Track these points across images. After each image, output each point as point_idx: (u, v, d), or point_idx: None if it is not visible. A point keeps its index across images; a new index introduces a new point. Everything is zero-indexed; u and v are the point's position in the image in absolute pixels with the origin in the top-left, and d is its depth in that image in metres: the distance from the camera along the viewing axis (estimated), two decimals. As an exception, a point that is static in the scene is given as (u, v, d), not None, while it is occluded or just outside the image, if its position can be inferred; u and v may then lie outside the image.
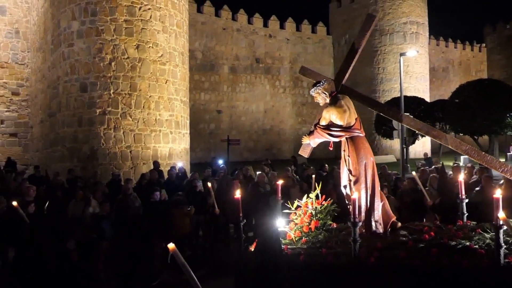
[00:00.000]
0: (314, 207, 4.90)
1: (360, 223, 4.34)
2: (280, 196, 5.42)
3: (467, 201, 5.16)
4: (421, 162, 14.52)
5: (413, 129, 5.28)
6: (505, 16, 62.88)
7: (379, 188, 4.81)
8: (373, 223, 4.67)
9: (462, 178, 5.43)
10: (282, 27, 35.93)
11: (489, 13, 78.75)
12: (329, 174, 10.31)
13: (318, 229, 4.76)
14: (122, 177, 12.11)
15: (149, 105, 14.93)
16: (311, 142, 4.95)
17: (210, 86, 32.18)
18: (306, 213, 4.86)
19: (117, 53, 14.57)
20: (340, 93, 4.90)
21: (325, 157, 15.12)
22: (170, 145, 15.55)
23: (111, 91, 14.48)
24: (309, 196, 5.06)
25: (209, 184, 7.87)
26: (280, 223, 4.85)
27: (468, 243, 4.10)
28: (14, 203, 6.29)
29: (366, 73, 34.33)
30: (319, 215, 4.84)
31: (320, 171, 11.45)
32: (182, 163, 15.17)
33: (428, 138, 21.39)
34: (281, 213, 5.19)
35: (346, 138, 4.76)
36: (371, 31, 5.19)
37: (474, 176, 8.69)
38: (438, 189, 7.33)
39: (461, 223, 4.94)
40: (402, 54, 19.10)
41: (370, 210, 4.66)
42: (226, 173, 11.64)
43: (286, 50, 35.84)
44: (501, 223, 3.59)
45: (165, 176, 11.91)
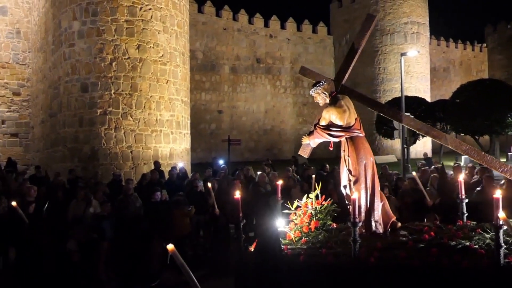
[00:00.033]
0: (314, 207, 4.90)
1: (360, 223, 4.35)
2: (280, 196, 5.42)
3: (467, 201, 5.17)
4: (421, 162, 14.49)
5: (412, 129, 5.29)
6: (506, 16, 62.95)
7: (379, 188, 4.81)
8: (373, 223, 4.67)
9: (462, 178, 5.43)
10: (283, 27, 35.92)
11: (490, 13, 78.78)
12: (330, 174, 10.31)
13: (318, 229, 4.76)
14: (123, 177, 12.10)
15: (150, 105, 14.94)
16: (311, 142, 4.96)
17: (211, 86, 32.19)
18: (306, 213, 4.87)
19: (118, 53, 14.59)
20: (340, 93, 4.91)
21: (327, 157, 15.10)
22: (171, 145, 15.56)
23: (112, 91, 14.49)
24: (309, 196, 5.06)
25: (209, 185, 7.87)
26: (280, 223, 4.86)
27: (468, 243, 4.10)
28: (14, 203, 6.32)
29: (367, 73, 34.34)
30: (319, 215, 4.85)
31: (321, 171, 11.44)
32: (183, 163, 15.18)
33: (429, 138, 21.35)
34: (281, 213, 5.19)
35: (346, 138, 4.76)
36: (371, 31, 5.20)
37: (475, 176, 8.66)
38: (438, 189, 7.33)
39: (461, 223, 4.94)
40: (403, 54, 19.10)
41: (370, 210, 4.67)
42: (226, 173, 11.65)
43: (287, 50, 35.83)
44: (501, 223, 3.60)
45: (166, 176, 11.92)
